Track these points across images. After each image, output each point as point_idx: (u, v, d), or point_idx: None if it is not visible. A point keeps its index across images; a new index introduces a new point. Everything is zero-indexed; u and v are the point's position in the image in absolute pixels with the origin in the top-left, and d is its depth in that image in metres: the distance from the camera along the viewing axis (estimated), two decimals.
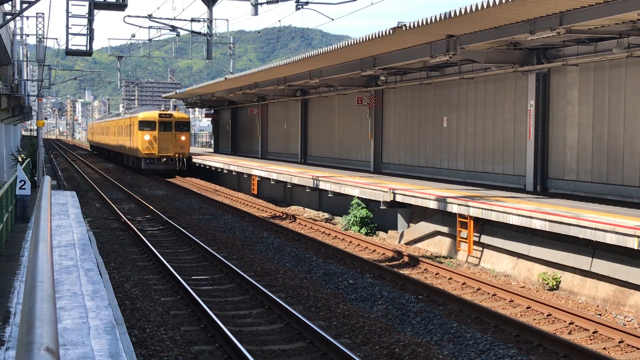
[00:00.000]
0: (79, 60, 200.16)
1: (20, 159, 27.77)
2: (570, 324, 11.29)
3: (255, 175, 31.18)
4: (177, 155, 43.22)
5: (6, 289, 9.09)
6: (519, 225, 14.82)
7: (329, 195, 24.13)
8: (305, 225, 22.97)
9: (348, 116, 32.90)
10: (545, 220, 13.99)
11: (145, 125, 43.15)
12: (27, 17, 42.11)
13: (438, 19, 15.86)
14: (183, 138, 43.67)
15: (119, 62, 49.43)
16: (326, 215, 26.04)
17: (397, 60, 21.80)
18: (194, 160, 42.87)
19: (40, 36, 36.79)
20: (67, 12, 18.45)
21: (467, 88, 23.80)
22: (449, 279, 14.83)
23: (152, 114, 43.86)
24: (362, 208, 21.70)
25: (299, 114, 38.27)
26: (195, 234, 19.96)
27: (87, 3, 18.14)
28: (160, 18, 28.86)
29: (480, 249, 16.72)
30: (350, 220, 21.98)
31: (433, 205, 17.86)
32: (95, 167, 51.95)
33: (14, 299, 8.53)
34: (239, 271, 14.19)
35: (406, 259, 16.78)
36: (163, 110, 45.11)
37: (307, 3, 19.93)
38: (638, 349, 10.04)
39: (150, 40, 34.80)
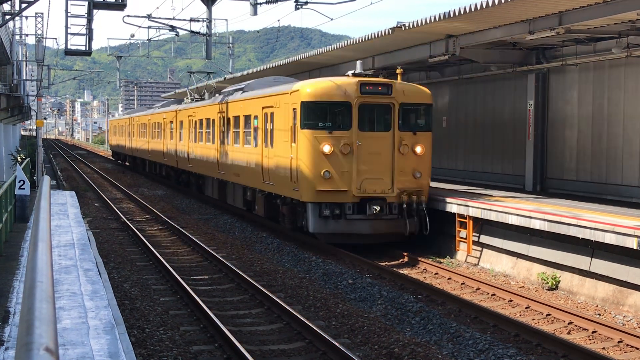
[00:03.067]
0: (78, 60, 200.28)
1: (19, 159, 27.77)
2: (569, 323, 11.30)
3: None
4: (405, 194, 17.05)
5: (5, 289, 9.09)
6: (518, 225, 14.81)
7: None
8: None
9: None
10: (544, 220, 14.00)
11: (320, 114, 16.89)
12: (27, 17, 42.22)
13: (437, 19, 15.88)
14: (419, 150, 17.29)
15: (118, 62, 49.42)
16: None
17: (396, 60, 21.81)
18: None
19: (39, 36, 36.84)
20: (67, 12, 18.47)
21: (466, 88, 23.80)
22: (448, 278, 14.83)
23: (342, 83, 16.88)
24: None
25: None
26: (195, 234, 19.94)
27: (86, 3, 18.15)
28: (160, 18, 28.91)
29: (480, 248, 16.71)
30: None
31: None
32: (95, 167, 51.98)
33: (14, 298, 8.53)
34: (238, 271, 14.18)
35: (405, 258, 16.77)
36: (366, 77, 17.48)
37: (306, 3, 19.92)
38: (637, 348, 10.04)
39: (149, 40, 34.78)
